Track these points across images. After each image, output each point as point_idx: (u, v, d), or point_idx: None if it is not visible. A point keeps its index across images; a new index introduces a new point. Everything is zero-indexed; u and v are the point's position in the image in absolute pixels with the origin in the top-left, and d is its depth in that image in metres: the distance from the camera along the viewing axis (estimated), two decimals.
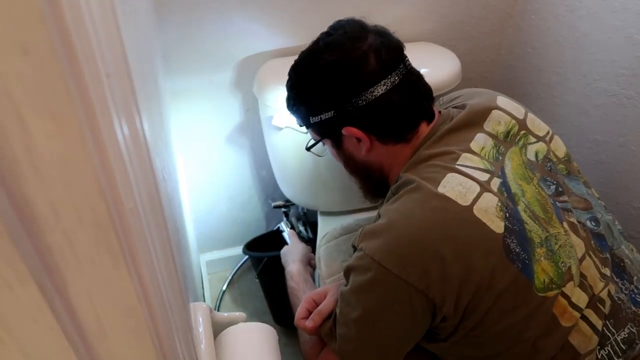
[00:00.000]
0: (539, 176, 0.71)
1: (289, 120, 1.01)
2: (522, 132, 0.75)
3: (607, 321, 0.64)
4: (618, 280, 0.68)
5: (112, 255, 0.25)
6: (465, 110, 0.74)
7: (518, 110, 0.77)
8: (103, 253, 0.24)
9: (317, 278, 1.05)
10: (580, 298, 0.63)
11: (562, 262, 0.63)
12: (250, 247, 1.32)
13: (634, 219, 1.01)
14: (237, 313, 0.82)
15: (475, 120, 0.73)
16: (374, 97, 0.68)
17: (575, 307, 0.62)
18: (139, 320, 0.27)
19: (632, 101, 0.96)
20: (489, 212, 0.61)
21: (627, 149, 0.99)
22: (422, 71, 1.10)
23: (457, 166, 0.65)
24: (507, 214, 0.62)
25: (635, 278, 0.69)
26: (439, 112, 0.78)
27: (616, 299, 0.66)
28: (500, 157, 0.70)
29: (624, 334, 0.64)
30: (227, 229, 1.43)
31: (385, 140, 0.73)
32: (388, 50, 0.69)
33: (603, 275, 0.66)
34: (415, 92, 0.72)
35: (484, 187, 0.63)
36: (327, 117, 0.72)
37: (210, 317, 0.75)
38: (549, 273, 0.61)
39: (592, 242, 0.68)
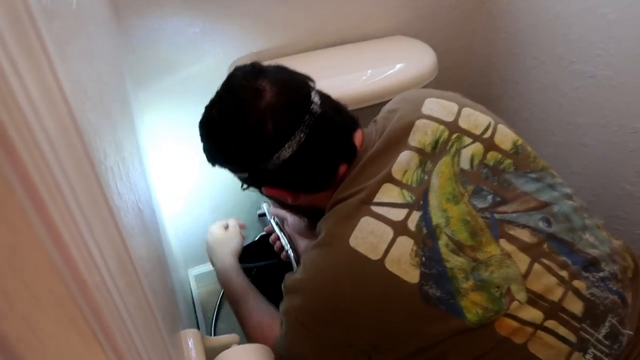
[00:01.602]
0: (472, 188, 0.66)
1: None
2: (454, 135, 0.70)
3: (582, 324, 0.59)
4: (587, 274, 0.62)
5: (81, 335, 0.22)
6: (386, 132, 0.71)
7: (449, 109, 0.73)
8: (70, 333, 0.22)
9: None
10: (532, 314, 0.59)
11: (495, 288, 0.60)
12: (239, 257, 1.28)
13: (621, 200, 1.00)
14: (229, 335, 0.79)
15: (397, 139, 0.70)
16: (281, 161, 0.66)
17: (528, 323, 0.59)
18: None
19: (611, 81, 0.95)
20: (402, 261, 0.60)
21: (609, 130, 0.99)
22: (398, 67, 1.10)
23: (371, 207, 0.64)
24: (423, 258, 0.60)
25: (603, 264, 0.64)
26: (373, 122, 0.76)
27: (588, 296, 0.61)
28: (426, 177, 0.67)
29: (605, 329, 0.60)
30: None
31: (306, 193, 0.74)
32: (287, 107, 0.65)
33: (562, 280, 0.61)
34: (328, 139, 0.68)
35: (399, 230, 0.62)
36: (243, 176, 0.72)
37: (202, 343, 0.72)
38: (482, 303, 0.59)
39: (546, 245, 0.63)
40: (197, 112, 0.70)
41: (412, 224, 0.62)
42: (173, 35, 0.98)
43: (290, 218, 1.01)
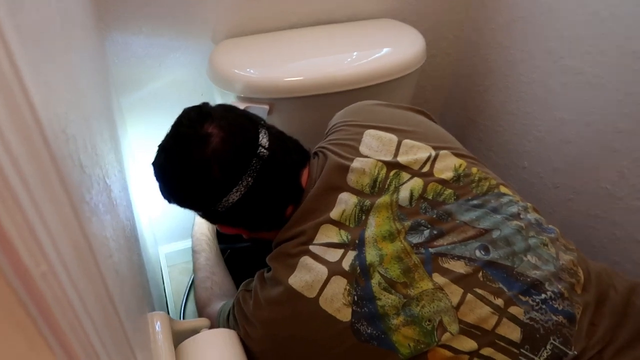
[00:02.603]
0: (410, 224, 0.66)
1: (245, 103, 0.95)
2: (392, 172, 0.70)
3: (521, 349, 0.59)
4: (526, 299, 0.61)
5: (25, 334, 0.19)
6: (324, 173, 0.72)
7: (388, 145, 0.73)
8: (11, 333, 0.18)
9: None
10: (466, 344, 0.60)
11: (427, 322, 0.61)
12: (218, 234, 1.25)
13: (602, 199, 1.00)
14: (199, 319, 0.76)
15: (336, 180, 0.71)
16: (229, 204, 0.69)
17: (462, 352, 0.60)
18: None
19: (599, 80, 0.94)
20: (335, 300, 0.63)
21: (593, 128, 0.98)
22: (385, 50, 1.07)
23: (310, 247, 0.67)
24: (355, 297, 0.62)
25: (547, 284, 0.62)
26: (316, 154, 0.78)
27: (527, 321, 0.60)
28: (364, 217, 0.68)
29: (547, 352, 0.59)
30: (186, 219, 1.35)
31: (257, 232, 0.78)
32: (234, 152, 0.67)
33: (496, 308, 0.60)
34: (276, 182, 0.71)
35: (333, 270, 0.64)
36: (198, 213, 0.75)
37: (170, 326, 0.69)
38: (413, 337, 0.61)
39: (481, 274, 0.63)
40: (175, 91, 0.68)
41: (346, 264, 0.64)
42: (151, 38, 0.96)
43: None
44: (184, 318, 1.24)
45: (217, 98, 1.02)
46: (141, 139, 1.13)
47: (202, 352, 0.68)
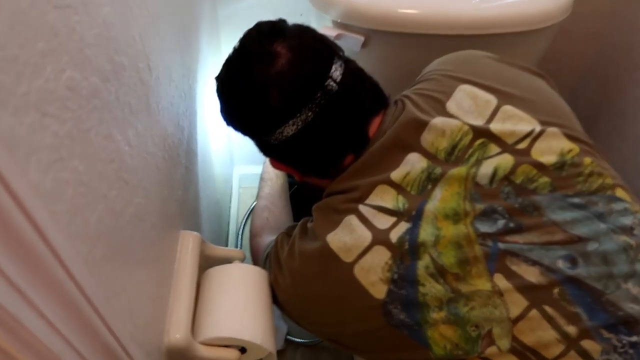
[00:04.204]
0: (482, 208, 0.55)
1: (340, 30, 0.85)
2: (479, 141, 0.58)
3: None
4: (610, 336, 0.48)
5: None
6: (396, 125, 0.61)
7: (484, 106, 0.60)
8: None
9: None
10: None
11: (472, 327, 0.51)
12: None
13: None
14: (234, 250, 0.72)
15: (406, 137, 0.60)
16: (283, 137, 0.61)
17: None
18: None
19: None
20: (371, 273, 0.55)
21: None
22: None
23: (360, 207, 0.59)
24: (395, 275, 0.54)
25: None
26: (401, 100, 0.66)
27: None
28: (430, 186, 0.57)
29: None
30: None
31: (309, 176, 0.70)
32: (299, 79, 0.58)
33: (564, 336, 0.48)
34: (339, 124, 0.61)
35: (378, 238, 0.56)
36: (253, 141, 0.68)
37: (202, 249, 0.65)
38: (452, 339, 0.52)
39: (557, 290, 0.50)
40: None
41: (394, 235, 0.56)
42: None
43: None
44: (241, 242, 1.24)
45: (311, 21, 0.92)
46: None
47: (225, 285, 0.64)
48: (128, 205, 0.41)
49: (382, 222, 0.57)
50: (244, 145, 1.31)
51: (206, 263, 0.67)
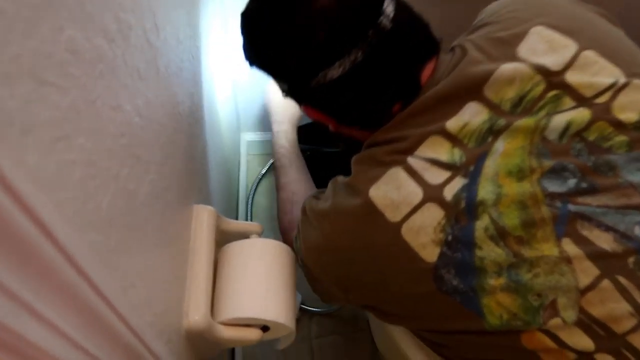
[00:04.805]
0: (551, 165, 0.49)
1: None
2: (551, 93, 0.51)
3: None
4: None
5: None
6: (456, 71, 0.55)
7: (561, 52, 0.52)
8: None
9: None
10: (580, 340, 0.45)
11: (535, 296, 0.47)
12: (300, 133, 1.15)
13: None
14: (252, 224, 0.68)
15: (467, 84, 0.53)
16: (327, 81, 0.53)
17: (571, 349, 0.46)
18: None
19: None
20: (422, 233, 0.50)
21: None
22: None
23: (408, 159, 0.52)
24: (449, 237, 0.49)
25: None
26: (458, 46, 0.59)
27: None
28: (491, 138, 0.51)
29: None
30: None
31: (349, 126, 0.62)
32: (349, 14, 0.51)
33: (638, 310, 0.45)
34: (390, 67, 0.54)
35: (430, 195, 0.50)
36: (282, 86, 0.61)
37: (217, 224, 0.61)
38: (510, 308, 0.48)
39: (633, 260, 0.46)
40: None
41: (449, 192, 0.50)
42: None
43: None
44: (251, 211, 1.20)
45: None
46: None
47: (244, 261, 0.60)
48: (141, 183, 0.37)
49: (435, 176, 0.51)
50: (251, 110, 1.26)
51: (222, 238, 0.63)
